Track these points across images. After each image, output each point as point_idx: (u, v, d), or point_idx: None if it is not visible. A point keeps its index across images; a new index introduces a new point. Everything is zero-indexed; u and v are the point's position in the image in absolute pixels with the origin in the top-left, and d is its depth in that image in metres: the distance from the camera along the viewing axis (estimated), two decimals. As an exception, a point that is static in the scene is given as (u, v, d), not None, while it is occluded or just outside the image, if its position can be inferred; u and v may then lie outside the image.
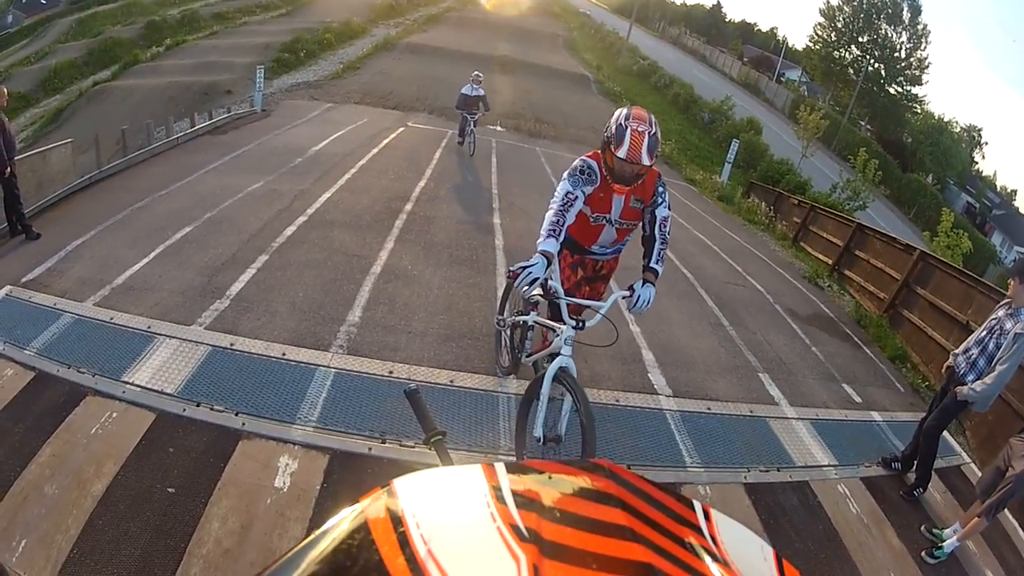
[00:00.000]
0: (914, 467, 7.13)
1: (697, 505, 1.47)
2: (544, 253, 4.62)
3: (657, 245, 5.18)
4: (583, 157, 5.10)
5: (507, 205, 14.27)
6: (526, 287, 4.56)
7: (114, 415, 5.50)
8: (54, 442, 5.08)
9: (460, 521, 1.21)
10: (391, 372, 6.77)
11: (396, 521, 1.16)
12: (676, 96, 48.42)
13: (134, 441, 5.20)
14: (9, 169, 9.14)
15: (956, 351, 6.96)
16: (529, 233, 12.01)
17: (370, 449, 5.58)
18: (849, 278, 15.47)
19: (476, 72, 19.97)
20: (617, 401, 7.06)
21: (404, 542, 1.10)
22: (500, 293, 7.97)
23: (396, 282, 8.92)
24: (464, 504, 1.26)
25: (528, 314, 5.88)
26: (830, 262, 16.67)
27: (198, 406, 5.72)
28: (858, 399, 8.97)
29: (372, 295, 8.40)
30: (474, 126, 19.40)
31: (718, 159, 33.93)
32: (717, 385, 8.07)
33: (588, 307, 5.32)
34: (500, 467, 1.38)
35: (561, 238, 4.78)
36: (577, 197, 4.91)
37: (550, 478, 1.40)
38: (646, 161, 4.61)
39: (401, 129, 22.67)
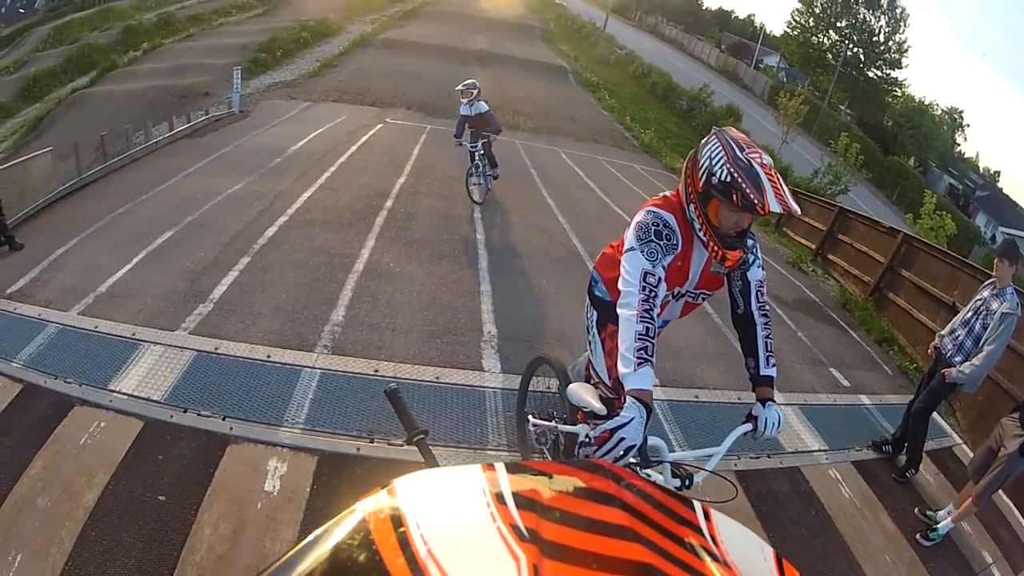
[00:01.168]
0: (904, 449, 7.18)
1: (697, 505, 1.47)
2: (639, 397, 2.97)
3: (761, 333, 3.64)
4: (652, 208, 3.52)
5: (488, 199, 14.15)
6: (620, 455, 2.94)
7: (102, 424, 5.46)
8: (44, 454, 5.05)
9: (460, 521, 1.21)
10: (377, 370, 6.76)
11: (396, 521, 1.17)
12: (654, 85, 48.03)
13: (123, 450, 5.17)
14: (-11, 181, 9.08)
15: (942, 332, 7.02)
16: (509, 225, 12.08)
17: (358, 449, 5.57)
18: (833, 262, 15.53)
19: (467, 81, 13.93)
20: (603, 392, 7.01)
21: (404, 542, 1.10)
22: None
23: (379, 280, 8.90)
24: (464, 504, 1.26)
25: (576, 423, 4.07)
26: (813, 247, 16.71)
27: (185, 412, 5.70)
28: (846, 383, 9.02)
29: (355, 293, 8.38)
30: (482, 162, 13.64)
31: (698, 147, 33.86)
32: (704, 373, 8.08)
33: (694, 465, 3.45)
34: (500, 467, 1.38)
35: (655, 357, 3.10)
36: (660, 279, 3.28)
37: (550, 478, 1.40)
38: (797, 209, 3.11)
39: (380, 126, 22.50)
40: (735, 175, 3.07)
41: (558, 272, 10.35)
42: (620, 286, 3.28)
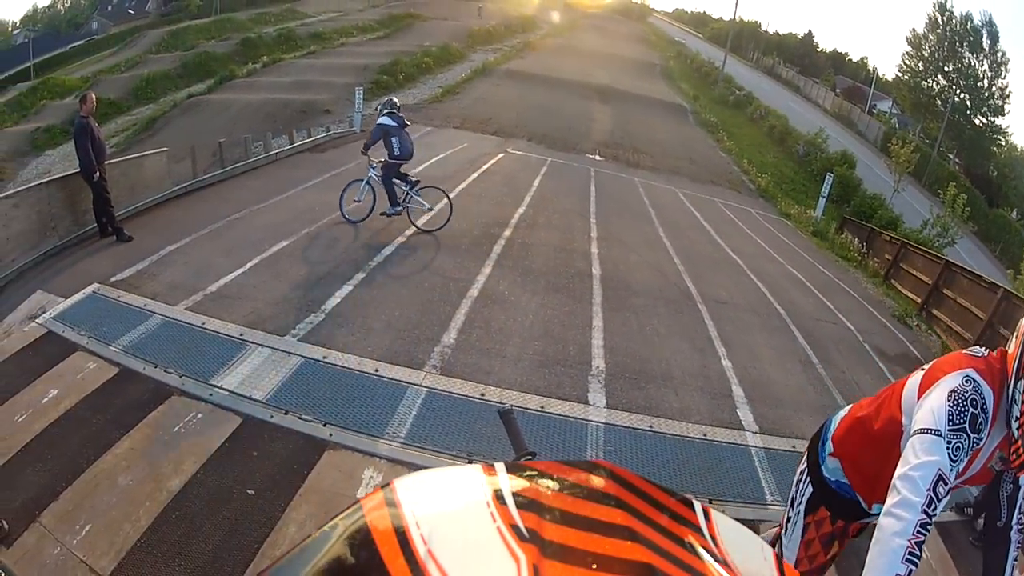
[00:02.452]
0: (984, 513, 6.93)
1: (697, 505, 1.49)
2: None
3: (1012, 553, 3.08)
4: (972, 374, 2.69)
5: (605, 235, 14.29)
6: None
7: (199, 416, 5.65)
8: (134, 436, 5.26)
9: (460, 521, 1.23)
10: (483, 394, 6.81)
11: (396, 521, 1.19)
12: (772, 128, 48.24)
13: (217, 442, 5.34)
14: (99, 173, 9.50)
15: None
16: (625, 263, 12.13)
17: (456, 468, 5.57)
18: (937, 317, 15.64)
19: (384, 99, 12.47)
20: (704, 435, 7.01)
21: (404, 542, 1.12)
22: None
23: (493, 306, 9.00)
24: (464, 504, 1.27)
25: None
26: (919, 300, 16.90)
27: (286, 414, 5.85)
28: (939, 441, 8.72)
29: (468, 318, 8.50)
30: (372, 183, 12.03)
31: (812, 192, 33.95)
32: (804, 424, 7.92)
33: None
34: (500, 467, 1.39)
35: None
36: (950, 489, 2.47)
37: (550, 478, 1.41)
38: None
39: (500, 155, 22.84)
40: None
41: (670, 313, 10.36)
42: (901, 484, 2.46)
